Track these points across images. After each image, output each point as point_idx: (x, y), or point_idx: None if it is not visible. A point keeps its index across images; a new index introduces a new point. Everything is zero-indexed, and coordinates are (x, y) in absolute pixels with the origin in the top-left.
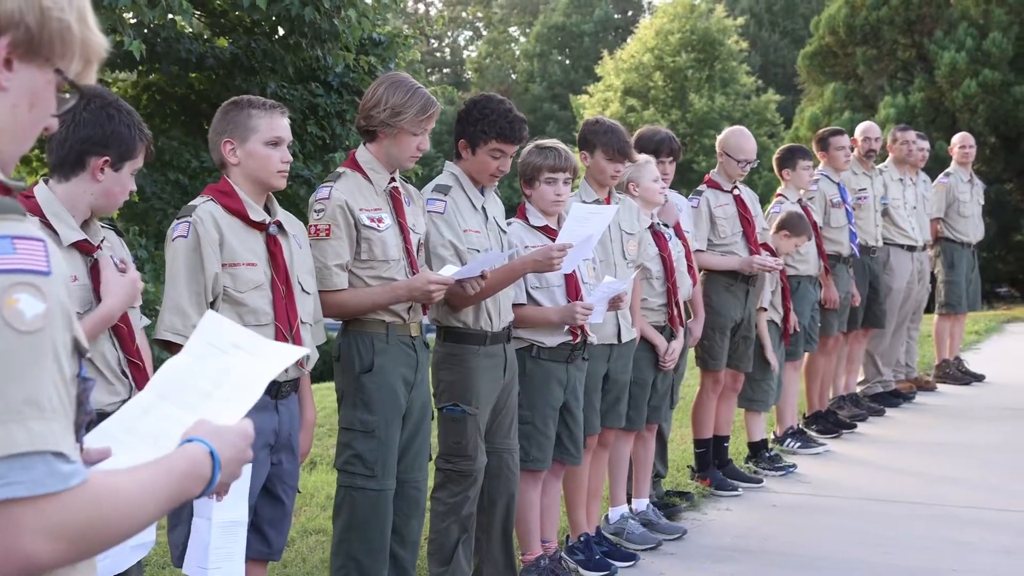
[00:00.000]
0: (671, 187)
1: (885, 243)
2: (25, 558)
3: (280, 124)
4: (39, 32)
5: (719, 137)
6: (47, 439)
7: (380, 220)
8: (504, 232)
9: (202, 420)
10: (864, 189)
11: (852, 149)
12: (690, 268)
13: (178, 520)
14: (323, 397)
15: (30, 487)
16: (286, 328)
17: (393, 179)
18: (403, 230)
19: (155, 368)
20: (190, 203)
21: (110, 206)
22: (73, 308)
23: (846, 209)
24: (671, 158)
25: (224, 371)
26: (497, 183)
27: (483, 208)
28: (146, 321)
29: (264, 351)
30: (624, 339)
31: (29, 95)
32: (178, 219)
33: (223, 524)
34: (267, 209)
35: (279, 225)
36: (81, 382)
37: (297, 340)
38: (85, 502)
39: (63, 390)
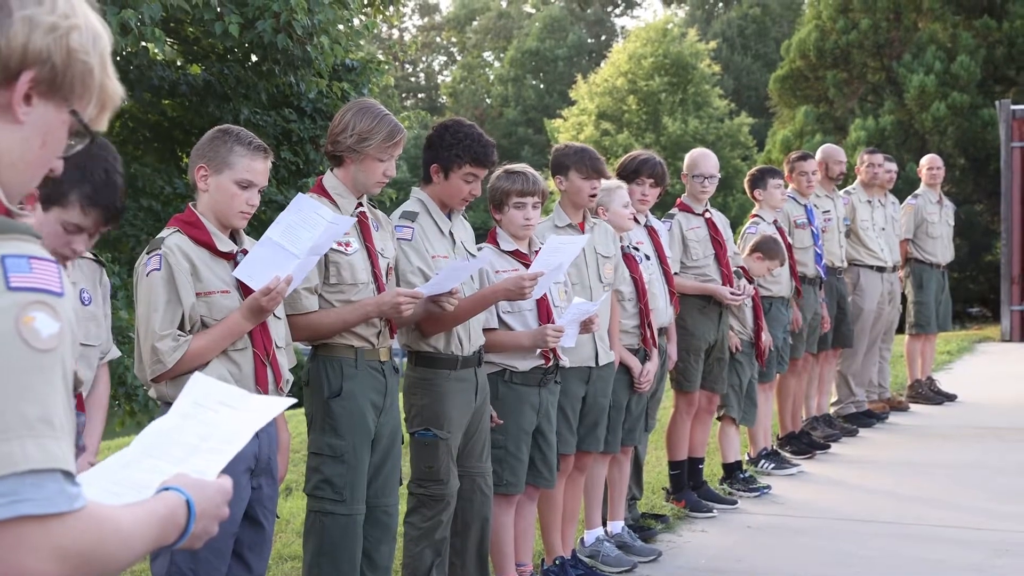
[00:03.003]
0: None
1: (855, 264)
2: None
3: (257, 168)
4: (63, 72)
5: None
6: (58, 458)
7: (347, 244)
8: (473, 256)
9: (181, 473)
10: (828, 211)
11: (815, 173)
12: (672, 295)
13: (158, 552)
14: (299, 423)
15: (41, 505)
16: (263, 353)
17: (360, 204)
18: (371, 254)
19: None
20: (157, 236)
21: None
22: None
23: (812, 231)
24: (652, 180)
25: (210, 425)
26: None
27: (451, 233)
28: (116, 353)
29: (250, 406)
30: (602, 361)
31: (43, 132)
32: (147, 253)
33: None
34: (233, 238)
35: (246, 254)
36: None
37: (274, 364)
38: (89, 526)
39: (69, 411)
